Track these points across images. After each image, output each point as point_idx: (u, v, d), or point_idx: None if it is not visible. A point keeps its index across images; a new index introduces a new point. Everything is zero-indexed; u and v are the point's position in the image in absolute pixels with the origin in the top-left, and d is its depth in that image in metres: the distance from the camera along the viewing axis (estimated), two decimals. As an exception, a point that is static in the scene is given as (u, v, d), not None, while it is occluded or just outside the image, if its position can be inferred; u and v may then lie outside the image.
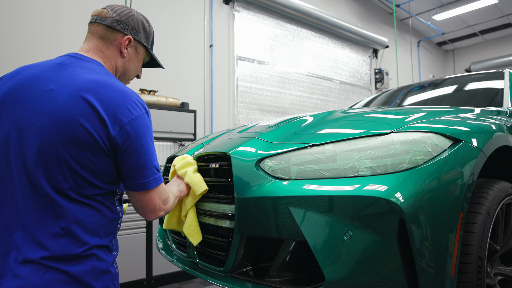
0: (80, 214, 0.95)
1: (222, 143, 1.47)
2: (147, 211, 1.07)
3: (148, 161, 1.02)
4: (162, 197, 1.09)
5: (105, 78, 1.00)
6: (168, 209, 1.16)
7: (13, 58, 3.35)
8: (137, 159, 0.99)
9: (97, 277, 0.96)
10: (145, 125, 1.01)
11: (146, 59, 1.27)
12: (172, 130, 3.86)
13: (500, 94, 2.14)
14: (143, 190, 1.03)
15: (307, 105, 6.07)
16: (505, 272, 1.38)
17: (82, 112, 0.92)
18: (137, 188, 1.02)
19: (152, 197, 1.06)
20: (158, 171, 1.06)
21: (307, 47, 6.19)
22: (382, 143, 1.15)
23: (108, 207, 1.03)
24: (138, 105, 1.01)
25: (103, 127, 0.94)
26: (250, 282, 1.21)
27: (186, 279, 3.43)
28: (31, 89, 0.96)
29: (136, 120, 0.98)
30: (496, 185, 1.32)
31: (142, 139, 1.00)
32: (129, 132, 0.97)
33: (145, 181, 1.02)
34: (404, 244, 1.03)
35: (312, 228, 1.07)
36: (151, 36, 1.25)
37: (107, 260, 1.01)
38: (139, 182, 1.01)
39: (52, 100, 0.93)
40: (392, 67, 7.92)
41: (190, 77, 4.63)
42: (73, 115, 0.92)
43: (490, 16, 8.36)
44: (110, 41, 1.12)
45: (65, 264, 0.91)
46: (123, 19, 1.13)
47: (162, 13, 4.45)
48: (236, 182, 1.23)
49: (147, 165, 1.01)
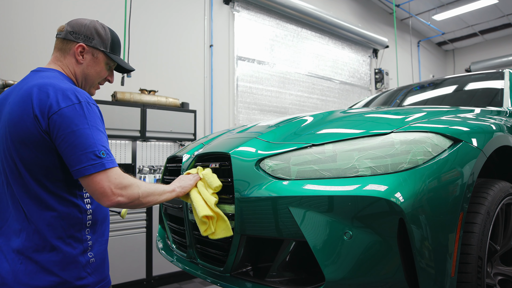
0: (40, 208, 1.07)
1: (222, 143, 1.47)
2: (98, 196, 1.05)
3: (79, 147, 1.02)
4: (114, 181, 1.05)
5: (47, 81, 1.10)
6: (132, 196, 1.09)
7: (14, 58, 3.35)
8: (66, 146, 1.03)
9: (64, 268, 1.07)
10: (76, 113, 1.05)
11: (111, 63, 1.33)
12: (172, 130, 3.87)
13: (500, 94, 2.14)
14: (81, 176, 1.03)
15: (307, 105, 6.07)
16: (505, 272, 1.38)
17: (22, 114, 1.05)
18: (77, 174, 1.03)
19: (97, 181, 1.03)
20: (100, 157, 1.04)
21: (307, 47, 6.19)
22: (382, 143, 1.15)
23: (67, 200, 1.11)
24: (70, 97, 1.06)
25: (37, 123, 1.04)
26: (250, 282, 1.22)
27: (186, 279, 3.43)
28: (1, 106, 1.15)
29: (65, 109, 1.04)
30: (496, 185, 1.32)
31: (70, 126, 1.03)
32: (56, 121, 1.03)
33: (79, 167, 1.02)
34: (404, 244, 1.03)
35: (312, 228, 1.07)
36: (109, 41, 1.30)
37: (72, 251, 1.09)
38: (74, 169, 1.03)
39: (7, 111, 1.10)
40: (392, 67, 7.92)
41: (190, 77, 4.63)
42: (15, 119, 1.06)
43: (490, 16, 8.36)
44: (66, 51, 1.24)
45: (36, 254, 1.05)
46: (75, 29, 1.24)
47: (162, 13, 4.45)
48: (236, 182, 1.23)
49: (78, 151, 1.02)
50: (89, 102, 1.10)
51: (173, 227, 1.74)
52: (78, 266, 1.10)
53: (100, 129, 1.09)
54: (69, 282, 1.08)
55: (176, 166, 1.72)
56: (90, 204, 1.17)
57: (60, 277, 1.06)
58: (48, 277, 1.05)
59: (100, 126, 1.10)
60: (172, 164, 1.79)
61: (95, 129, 1.06)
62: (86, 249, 1.14)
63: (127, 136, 3.59)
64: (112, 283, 2.81)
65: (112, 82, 1.38)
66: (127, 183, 1.08)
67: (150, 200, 1.15)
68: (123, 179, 1.08)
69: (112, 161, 1.07)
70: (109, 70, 1.34)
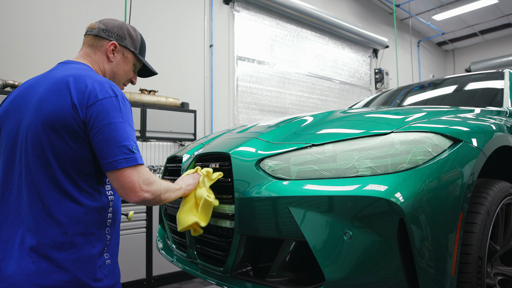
0: (64, 202, 1.03)
1: (222, 143, 1.47)
2: (126, 190, 1.03)
3: (114, 140, 1.02)
4: (142, 177, 1.05)
5: (82, 72, 1.10)
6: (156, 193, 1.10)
7: (14, 58, 3.35)
8: (101, 137, 1.02)
9: (80, 267, 1.03)
10: (113, 106, 1.05)
11: (137, 65, 1.36)
12: (172, 130, 3.86)
13: (500, 94, 2.14)
14: (113, 169, 1.02)
15: (307, 105, 6.07)
16: (505, 272, 1.38)
17: (58, 102, 1.03)
18: (109, 167, 1.02)
19: (127, 175, 1.03)
20: (132, 152, 1.04)
21: (307, 47, 6.19)
22: (382, 143, 1.15)
23: (93, 196, 1.09)
24: (108, 90, 1.07)
25: (75, 112, 1.03)
26: (250, 282, 1.22)
27: (186, 279, 3.43)
28: (26, 95, 1.11)
29: (103, 101, 1.04)
30: (496, 185, 1.32)
31: (107, 118, 1.03)
32: (93, 112, 1.03)
33: (112, 159, 1.01)
34: (404, 244, 1.03)
35: (312, 228, 1.07)
36: (139, 42, 1.34)
37: (91, 250, 1.06)
38: (106, 162, 1.02)
39: (37, 98, 1.07)
40: (392, 67, 7.92)
41: (190, 77, 4.63)
42: (49, 106, 1.03)
43: (490, 16, 8.36)
44: (97, 48, 1.25)
45: (52, 252, 1.01)
46: (109, 28, 1.26)
47: (162, 13, 4.45)
48: (236, 182, 1.23)
49: (113, 143, 1.02)
50: (124, 97, 1.11)
51: (173, 227, 1.74)
52: (95, 266, 1.06)
53: (132, 125, 1.10)
54: (85, 283, 1.03)
55: (176, 166, 1.72)
56: (111, 202, 1.15)
57: (76, 277, 1.02)
58: (63, 277, 1.00)
59: (132, 122, 1.11)
60: (172, 164, 1.79)
61: (128, 124, 1.07)
62: (103, 249, 1.11)
63: (127, 136, 3.58)
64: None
65: (135, 83, 1.41)
66: (152, 179, 1.09)
67: (166, 197, 1.16)
68: (149, 175, 1.09)
69: (141, 157, 1.08)
70: (135, 71, 1.37)
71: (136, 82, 1.40)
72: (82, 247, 1.04)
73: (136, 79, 1.40)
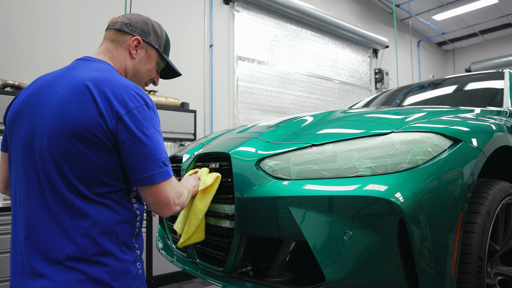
0: (93, 212, 0.96)
1: (222, 143, 1.47)
2: (161, 206, 0.99)
3: (150, 154, 0.96)
4: (174, 190, 1.02)
5: (105, 75, 1.01)
6: (183, 203, 1.08)
7: (14, 58, 3.35)
8: (137, 151, 0.95)
9: (116, 278, 0.96)
10: (144, 116, 0.98)
11: (161, 64, 1.28)
12: (172, 130, 3.86)
13: (500, 94, 2.14)
14: (149, 184, 0.96)
15: (307, 105, 6.07)
16: (505, 272, 1.38)
17: (82, 108, 0.94)
18: (143, 182, 0.96)
19: (164, 190, 0.98)
20: (166, 165, 0.99)
21: (307, 47, 6.18)
22: (382, 143, 1.15)
23: (123, 205, 1.02)
24: (137, 97, 0.99)
25: (103, 121, 0.94)
26: (250, 282, 1.21)
27: (186, 279, 3.43)
28: (42, 95, 1.01)
29: (134, 111, 0.96)
30: (496, 185, 1.32)
31: (140, 130, 0.96)
32: (126, 123, 0.95)
33: (148, 174, 0.95)
34: (404, 244, 1.03)
35: (312, 228, 1.07)
36: (163, 40, 1.25)
37: (126, 260, 1.00)
38: (142, 176, 0.95)
39: (57, 101, 0.97)
40: (392, 67, 7.92)
41: (190, 77, 4.63)
42: (74, 113, 0.94)
43: (490, 16, 8.36)
44: (119, 43, 1.16)
45: (83, 264, 0.93)
46: (132, 22, 1.17)
47: (162, 13, 4.45)
48: (236, 182, 1.23)
49: (149, 158, 0.96)
50: (152, 104, 1.03)
51: (173, 227, 1.74)
52: (129, 278, 1.00)
53: (161, 134, 1.03)
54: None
55: (176, 166, 1.72)
56: (138, 210, 1.09)
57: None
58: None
59: (160, 131, 1.03)
60: (172, 164, 1.79)
61: (160, 135, 1.01)
62: (135, 259, 1.05)
63: (127, 136, 3.59)
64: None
65: (157, 84, 1.32)
66: (181, 191, 1.06)
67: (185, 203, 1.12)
68: (179, 187, 1.05)
69: (171, 168, 1.03)
70: (157, 71, 1.29)
71: (158, 83, 1.31)
72: (118, 257, 0.98)
73: (158, 80, 1.31)
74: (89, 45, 3.68)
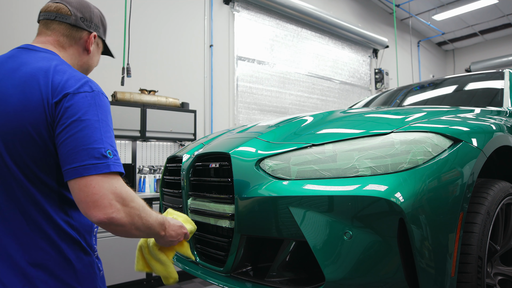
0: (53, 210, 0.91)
1: (222, 143, 1.47)
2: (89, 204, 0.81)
3: (85, 140, 0.84)
4: (116, 190, 0.84)
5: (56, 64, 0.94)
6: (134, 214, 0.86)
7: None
8: (69, 135, 0.84)
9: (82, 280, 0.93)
10: (86, 102, 0.87)
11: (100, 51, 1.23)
12: (172, 130, 3.86)
13: (500, 94, 2.14)
14: (78, 176, 0.81)
15: (307, 105, 6.07)
16: (505, 272, 1.38)
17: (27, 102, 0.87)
18: (72, 174, 0.82)
19: (94, 184, 0.81)
20: (105, 157, 0.85)
21: (307, 47, 6.18)
22: (382, 143, 1.15)
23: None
24: (84, 86, 0.90)
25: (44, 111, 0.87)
26: (250, 282, 1.21)
27: (186, 279, 3.43)
28: None
29: (74, 96, 0.87)
30: (496, 185, 1.32)
31: (77, 114, 0.85)
32: (61, 108, 0.86)
33: (78, 164, 0.82)
34: (404, 244, 1.03)
35: (312, 228, 1.07)
36: (106, 28, 1.20)
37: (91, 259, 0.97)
38: (70, 167, 0.82)
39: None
40: (392, 67, 7.92)
41: (190, 77, 4.63)
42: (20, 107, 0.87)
43: (490, 16, 8.36)
44: (75, 40, 1.07)
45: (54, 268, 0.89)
46: (87, 17, 1.09)
47: (162, 13, 4.45)
48: (236, 182, 1.23)
49: (83, 145, 0.83)
50: (102, 93, 0.94)
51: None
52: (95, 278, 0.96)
53: (110, 125, 0.91)
54: None
55: (176, 166, 1.72)
56: None
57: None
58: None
59: (110, 122, 0.92)
60: (172, 164, 1.79)
61: (104, 124, 0.88)
62: (96, 259, 1.00)
63: (127, 136, 3.59)
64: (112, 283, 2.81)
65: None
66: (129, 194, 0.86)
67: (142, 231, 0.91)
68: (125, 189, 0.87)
69: (119, 165, 0.88)
70: None
71: None
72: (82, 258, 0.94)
73: None
74: (89, 45, 3.67)
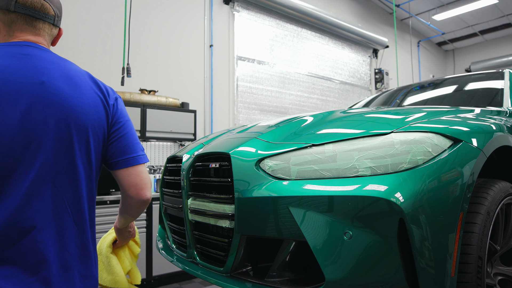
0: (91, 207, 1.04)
1: (222, 143, 1.47)
2: (142, 186, 1.05)
3: (135, 136, 1.09)
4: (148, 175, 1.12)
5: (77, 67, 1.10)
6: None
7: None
8: (126, 131, 1.06)
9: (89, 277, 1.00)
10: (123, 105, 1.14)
11: None
12: (172, 130, 3.86)
13: (500, 94, 2.14)
14: (135, 164, 1.05)
15: (307, 105, 6.07)
16: (505, 272, 1.38)
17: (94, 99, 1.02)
18: (130, 163, 1.04)
19: (144, 171, 1.07)
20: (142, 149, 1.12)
21: (307, 47, 6.18)
22: (382, 143, 1.15)
23: None
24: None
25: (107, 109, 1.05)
26: (250, 282, 1.21)
27: (186, 279, 3.43)
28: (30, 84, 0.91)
29: (120, 99, 1.11)
30: (496, 185, 1.32)
31: (127, 115, 1.10)
32: (117, 107, 1.07)
33: (136, 154, 1.06)
34: (404, 244, 1.03)
35: (312, 228, 1.07)
36: None
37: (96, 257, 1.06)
38: (130, 157, 1.04)
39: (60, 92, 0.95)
40: (392, 67, 7.92)
41: (190, 77, 4.63)
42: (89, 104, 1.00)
43: (490, 16, 8.36)
44: (52, 36, 1.11)
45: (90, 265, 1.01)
46: (60, 15, 1.11)
47: (162, 13, 4.45)
48: (236, 182, 1.23)
49: (136, 140, 1.09)
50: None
51: (173, 227, 1.74)
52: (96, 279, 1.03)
53: None
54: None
55: (176, 166, 1.72)
56: None
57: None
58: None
59: None
60: (172, 164, 1.79)
61: None
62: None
63: (127, 136, 3.59)
64: (112, 283, 2.75)
65: None
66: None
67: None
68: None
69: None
70: None
71: None
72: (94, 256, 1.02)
73: None
74: (89, 45, 3.68)
